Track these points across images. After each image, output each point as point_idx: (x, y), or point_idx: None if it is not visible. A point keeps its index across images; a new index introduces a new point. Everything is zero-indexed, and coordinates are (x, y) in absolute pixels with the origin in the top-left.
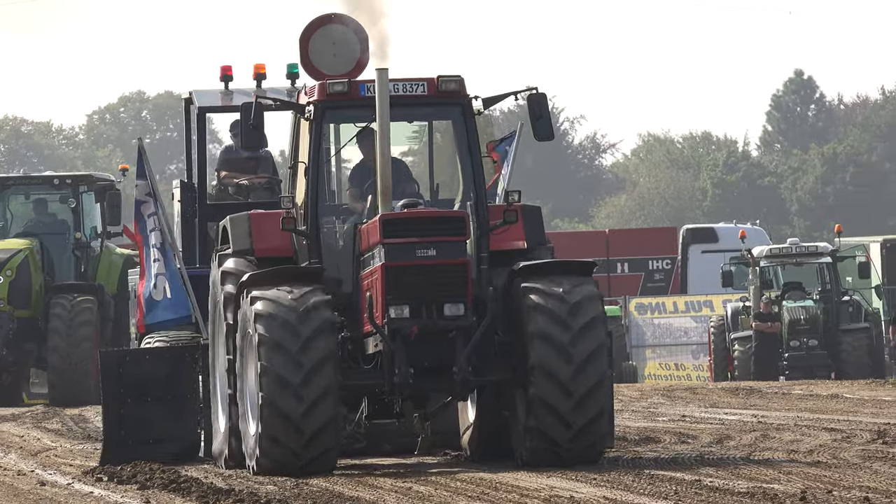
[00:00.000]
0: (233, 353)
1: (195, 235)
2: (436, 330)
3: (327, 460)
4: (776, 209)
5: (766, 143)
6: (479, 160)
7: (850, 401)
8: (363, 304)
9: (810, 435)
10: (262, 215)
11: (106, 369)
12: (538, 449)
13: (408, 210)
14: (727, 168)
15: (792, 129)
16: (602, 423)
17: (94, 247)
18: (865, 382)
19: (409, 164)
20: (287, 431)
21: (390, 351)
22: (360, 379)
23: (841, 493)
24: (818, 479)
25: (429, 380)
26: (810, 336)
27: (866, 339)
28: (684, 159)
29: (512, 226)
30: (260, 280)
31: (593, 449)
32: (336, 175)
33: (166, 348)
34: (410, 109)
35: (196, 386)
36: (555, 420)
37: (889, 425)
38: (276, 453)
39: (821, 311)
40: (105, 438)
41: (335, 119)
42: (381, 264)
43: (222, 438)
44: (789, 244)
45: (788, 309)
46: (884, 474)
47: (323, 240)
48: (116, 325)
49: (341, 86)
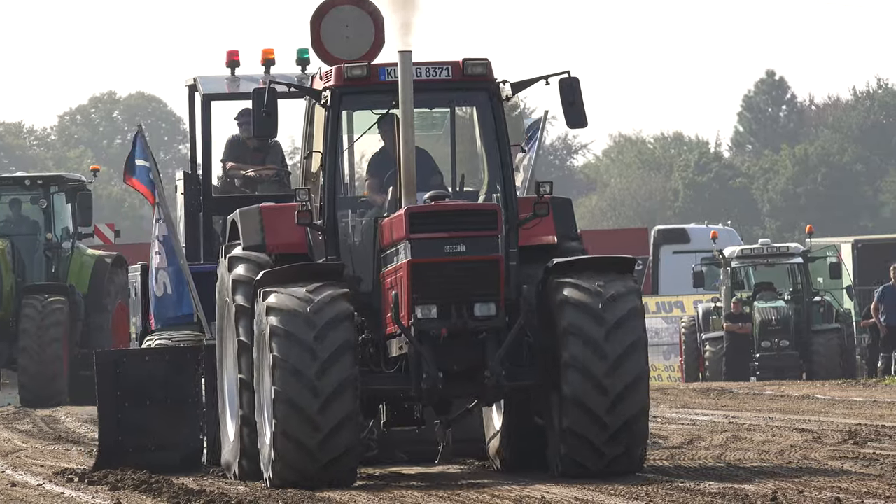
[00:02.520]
0: (246, 337)
1: (199, 230)
2: (466, 331)
3: (348, 463)
4: (747, 210)
5: (737, 144)
6: (508, 149)
7: (821, 401)
8: (386, 304)
9: (781, 436)
10: (274, 209)
11: (101, 371)
12: (574, 452)
13: (435, 203)
14: (698, 169)
15: (763, 130)
16: (641, 424)
17: (65, 247)
18: (836, 383)
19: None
20: (303, 427)
21: (417, 354)
22: (382, 383)
23: (812, 494)
24: (789, 479)
25: (459, 385)
26: (781, 337)
27: (837, 340)
28: (656, 160)
29: (542, 219)
30: (276, 278)
31: (632, 454)
32: (351, 165)
33: (166, 349)
34: (433, 95)
35: (198, 389)
36: (590, 420)
37: (860, 426)
38: (292, 455)
39: (792, 311)
40: (101, 444)
41: (353, 105)
42: (408, 261)
43: (233, 445)
44: (760, 245)
45: (759, 309)
46: (855, 475)
47: (340, 234)
48: (87, 325)
49: (360, 70)
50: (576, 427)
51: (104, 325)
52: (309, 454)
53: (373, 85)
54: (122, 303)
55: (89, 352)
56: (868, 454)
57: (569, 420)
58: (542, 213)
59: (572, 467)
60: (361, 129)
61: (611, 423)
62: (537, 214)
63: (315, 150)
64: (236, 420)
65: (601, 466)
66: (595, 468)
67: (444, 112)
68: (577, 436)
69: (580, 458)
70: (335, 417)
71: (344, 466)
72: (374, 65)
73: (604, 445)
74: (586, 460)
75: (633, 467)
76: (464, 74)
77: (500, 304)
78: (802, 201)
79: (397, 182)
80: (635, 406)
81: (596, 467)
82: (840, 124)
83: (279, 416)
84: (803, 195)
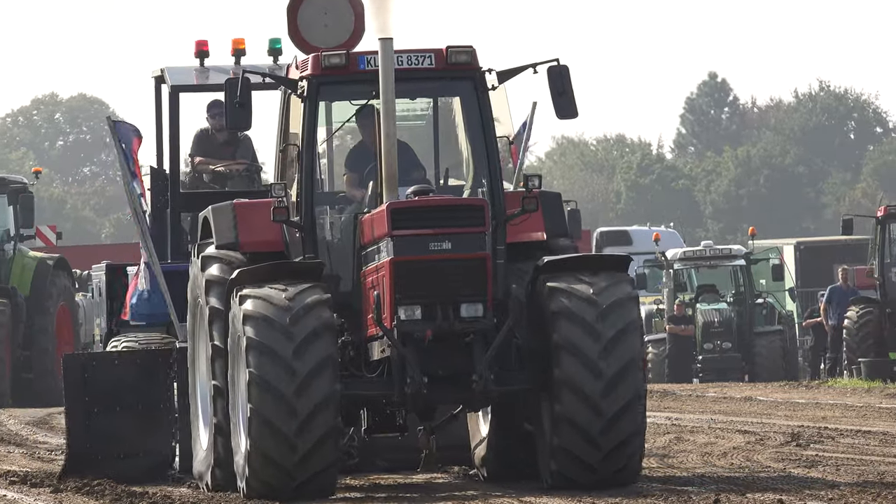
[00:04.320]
0: (221, 341)
1: (167, 227)
2: (451, 333)
3: (325, 480)
4: (690, 212)
5: (679, 146)
6: (494, 141)
7: (763, 403)
8: (367, 305)
9: (724, 437)
10: (248, 205)
11: (69, 375)
12: (565, 470)
13: (419, 198)
14: (641, 171)
15: (705, 132)
16: (636, 443)
17: (6, 249)
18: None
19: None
20: (279, 448)
21: (400, 357)
22: (363, 389)
23: (755, 496)
24: (732, 481)
25: (444, 390)
26: (724, 339)
27: (780, 342)
28: (598, 162)
29: (530, 215)
30: (252, 276)
31: (628, 470)
32: (330, 159)
33: (137, 352)
34: (415, 84)
35: (170, 394)
36: (583, 441)
37: (803, 427)
38: (268, 473)
39: (734, 313)
40: (69, 451)
41: (331, 95)
42: (389, 259)
43: (205, 454)
44: (703, 247)
45: (702, 311)
46: (797, 477)
47: (318, 232)
48: (30, 327)
49: (338, 58)
50: (568, 446)
51: (47, 328)
52: (285, 473)
53: (352, 74)
54: (65, 305)
55: (31, 354)
56: (811, 456)
57: (560, 439)
58: (531, 209)
59: (563, 482)
60: (340, 121)
61: (605, 445)
62: (526, 210)
63: (291, 143)
64: (209, 427)
65: (594, 482)
66: (587, 484)
67: (426, 102)
68: (570, 454)
69: (572, 475)
70: (313, 437)
71: (322, 482)
72: (354, 53)
73: (597, 464)
74: (578, 477)
75: (628, 482)
76: (447, 63)
77: (488, 304)
78: (745, 203)
79: (378, 176)
80: (631, 426)
81: (588, 483)
82: (782, 126)
83: (254, 435)
84: (745, 197)
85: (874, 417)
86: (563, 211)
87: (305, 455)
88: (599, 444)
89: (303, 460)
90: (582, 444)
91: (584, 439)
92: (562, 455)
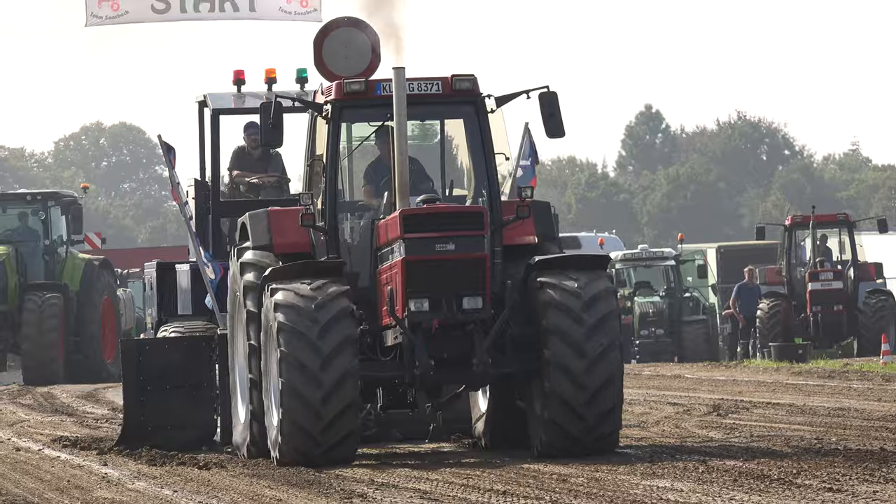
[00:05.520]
0: (256, 339)
1: (208, 231)
2: (455, 323)
3: (348, 446)
4: (629, 221)
5: (621, 166)
6: (493, 158)
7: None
8: (382, 298)
9: (657, 409)
10: (280, 212)
11: (126, 357)
12: (554, 440)
13: (427, 205)
14: (588, 186)
15: (642, 154)
16: (615, 416)
17: (59, 252)
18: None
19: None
20: (307, 416)
21: (410, 343)
22: (379, 370)
23: (683, 458)
24: (664, 445)
25: (448, 371)
26: (657, 326)
27: (704, 329)
28: (552, 179)
29: (523, 221)
30: (282, 274)
31: (608, 439)
32: (350, 173)
33: (184, 338)
34: (424, 108)
35: (213, 374)
36: (569, 413)
37: (723, 400)
38: (297, 439)
39: (666, 305)
40: (125, 422)
41: (351, 118)
42: (402, 258)
43: (243, 428)
44: (640, 250)
45: (639, 304)
46: (718, 441)
47: (340, 235)
48: (79, 317)
49: (358, 85)
50: (556, 418)
51: (94, 318)
52: (313, 440)
53: (369, 99)
54: (109, 298)
55: (80, 339)
56: (729, 424)
57: (550, 412)
58: (524, 216)
59: (551, 451)
60: (359, 139)
61: (588, 416)
62: (519, 216)
63: (317, 159)
64: (246, 407)
65: (578, 451)
66: (572, 452)
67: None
68: (558, 426)
69: (559, 444)
70: (337, 407)
71: (345, 449)
72: (371, 80)
73: (581, 434)
74: (565, 446)
75: (608, 451)
76: (452, 89)
77: (487, 298)
78: (675, 213)
79: (392, 187)
80: (611, 400)
81: (573, 451)
82: (706, 149)
83: (285, 406)
84: (676, 208)
85: (782, 392)
86: (552, 218)
87: (330, 422)
88: (583, 415)
89: (328, 427)
90: (568, 415)
91: (570, 412)
92: (551, 427)
